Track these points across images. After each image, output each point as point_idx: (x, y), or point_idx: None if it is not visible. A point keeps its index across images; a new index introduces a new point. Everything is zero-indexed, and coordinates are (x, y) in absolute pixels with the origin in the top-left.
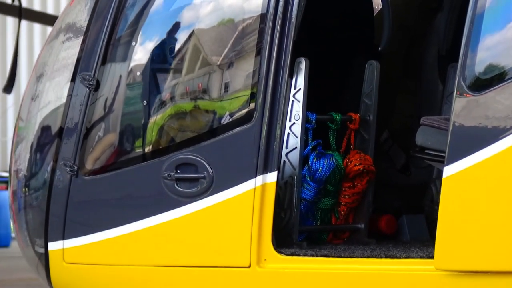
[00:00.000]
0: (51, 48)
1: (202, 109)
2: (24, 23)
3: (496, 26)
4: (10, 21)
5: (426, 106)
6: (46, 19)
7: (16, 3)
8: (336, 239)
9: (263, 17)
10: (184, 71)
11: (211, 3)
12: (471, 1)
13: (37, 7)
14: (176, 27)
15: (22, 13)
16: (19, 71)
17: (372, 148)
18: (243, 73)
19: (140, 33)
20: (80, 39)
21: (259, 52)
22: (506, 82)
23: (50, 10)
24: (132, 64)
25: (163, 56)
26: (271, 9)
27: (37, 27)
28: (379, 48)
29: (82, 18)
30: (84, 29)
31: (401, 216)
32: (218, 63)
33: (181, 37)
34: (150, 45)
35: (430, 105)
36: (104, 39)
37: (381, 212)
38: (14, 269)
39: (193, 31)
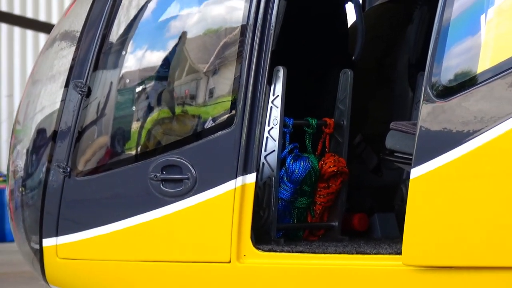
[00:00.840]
0: (46, 56)
1: (186, 114)
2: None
3: (459, 38)
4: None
5: (397, 112)
6: (38, 25)
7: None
8: (312, 236)
9: (243, 28)
10: (169, 79)
11: (196, 16)
12: (437, 14)
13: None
14: (162, 38)
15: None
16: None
17: (345, 151)
18: (225, 81)
19: (129, 43)
20: (73, 48)
21: (240, 61)
22: (468, 90)
23: (42, 18)
24: (121, 72)
25: (150, 65)
26: (251, 21)
27: (29, 33)
28: (353, 58)
29: (75, 28)
30: (77, 39)
31: (373, 215)
32: (202, 71)
33: (168, 47)
34: (138, 54)
35: (400, 111)
36: (95, 49)
37: (354, 211)
38: (18, 263)
39: (179, 41)
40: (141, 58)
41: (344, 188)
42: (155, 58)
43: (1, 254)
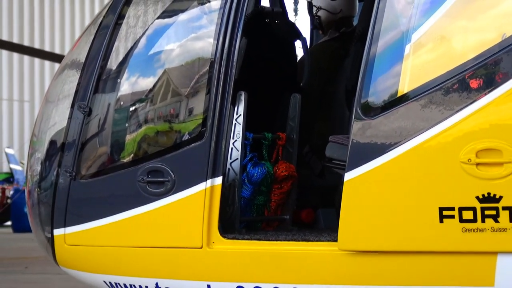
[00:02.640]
0: (57, 81)
1: (167, 130)
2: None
3: (382, 69)
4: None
5: (337, 128)
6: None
7: None
8: (268, 227)
9: (212, 61)
10: (153, 101)
11: (176, 51)
12: (365, 50)
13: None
14: (149, 68)
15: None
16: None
17: (295, 159)
18: (198, 103)
19: (122, 72)
20: (78, 76)
21: (209, 87)
22: (390, 110)
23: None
24: (116, 96)
25: (139, 90)
26: (218, 56)
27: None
28: (301, 84)
29: (79, 60)
30: (81, 69)
31: (318, 210)
32: (179, 96)
33: (152, 76)
34: (129, 82)
35: (340, 127)
36: (95, 77)
37: (302, 207)
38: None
39: (161, 72)
40: (131, 84)
41: (294, 188)
42: (143, 84)
43: (31, 241)
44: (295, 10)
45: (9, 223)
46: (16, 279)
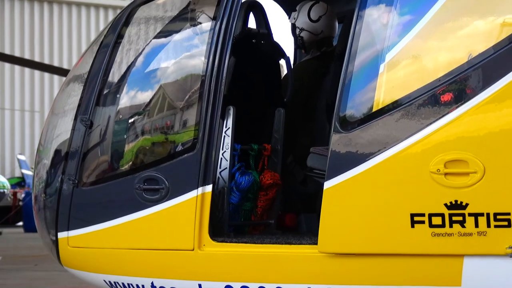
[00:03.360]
0: (61, 95)
1: (161, 141)
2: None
3: (358, 87)
4: None
5: (318, 140)
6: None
7: None
8: (254, 231)
9: (203, 79)
10: (149, 115)
11: (171, 69)
12: (343, 69)
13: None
14: (145, 85)
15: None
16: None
17: (279, 168)
18: (190, 117)
19: (121, 89)
20: (80, 91)
21: (201, 102)
22: (365, 125)
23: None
24: (115, 110)
25: (136, 104)
26: (208, 74)
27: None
28: (285, 100)
29: (82, 76)
30: (83, 84)
31: (300, 215)
32: (173, 110)
33: (148, 92)
34: (127, 97)
35: (320, 139)
36: (96, 93)
37: (286, 212)
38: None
39: (157, 88)
40: (129, 99)
41: (279, 195)
42: (140, 99)
43: (40, 241)
44: (280, 31)
45: (20, 223)
46: (26, 276)
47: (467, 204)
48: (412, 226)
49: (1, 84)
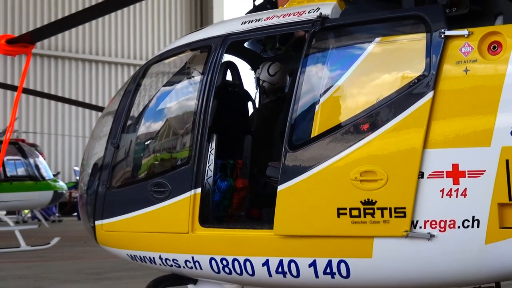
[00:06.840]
0: (99, 124)
1: (166, 158)
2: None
3: (300, 121)
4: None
5: (275, 157)
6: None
7: None
8: (230, 220)
9: (195, 114)
10: (159, 139)
11: (172, 107)
12: (291, 108)
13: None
14: (156, 118)
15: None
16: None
17: (248, 176)
18: (186, 141)
19: (139, 121)
20: (111, 122)
21: (194, 131)
22: (306, 146)
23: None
24: (135, 136)
25: (149, 132)
26: (198, 110)
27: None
28: (252, 129)
29: (112, 112)
30: (113, 117)
31: (263, 209)
32: (175, 136)
33: (159, 123)
34: (144, 126)
35: (276, 156)
36: (122, 123)
37: (253, 207)
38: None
39: (164, 120)
40: (144, 129)
41: (247, 195)
42: (152, 129)
43: None
44: (248, 81)
45: (75, 214)
46: (78, 250)
47: (376, 201)
48: (338, 217)
49: (62, 118)
